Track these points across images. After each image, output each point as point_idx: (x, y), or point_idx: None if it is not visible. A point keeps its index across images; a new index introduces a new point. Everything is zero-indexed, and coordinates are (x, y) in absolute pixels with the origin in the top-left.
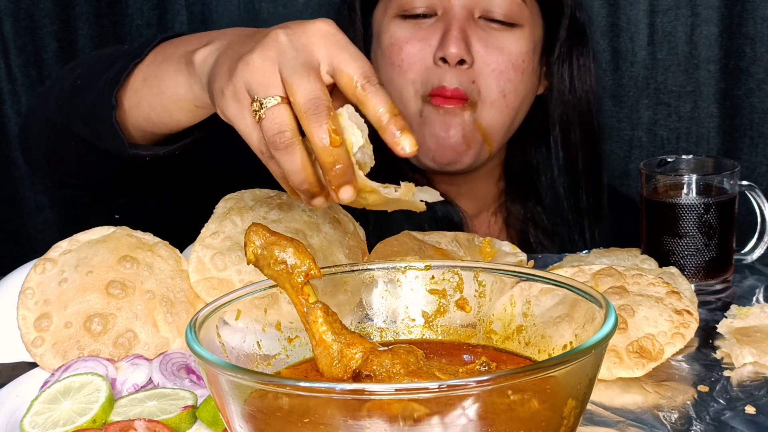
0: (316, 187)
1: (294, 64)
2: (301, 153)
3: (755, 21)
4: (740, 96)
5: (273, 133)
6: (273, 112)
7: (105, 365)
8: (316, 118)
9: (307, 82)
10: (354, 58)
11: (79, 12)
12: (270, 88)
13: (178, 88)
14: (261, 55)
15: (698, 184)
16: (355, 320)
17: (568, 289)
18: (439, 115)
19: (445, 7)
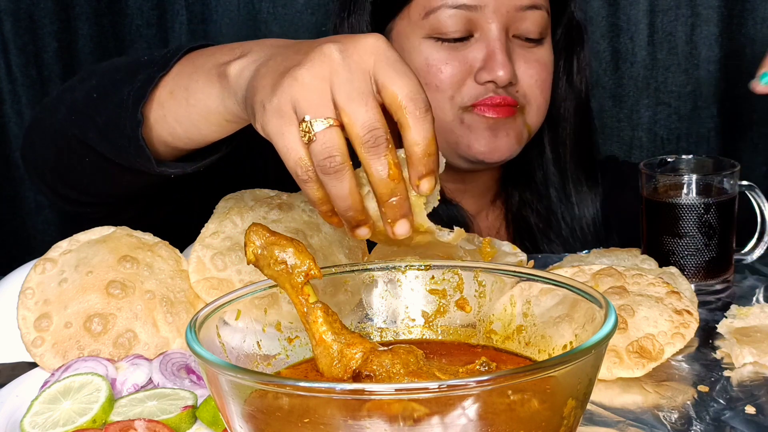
0: (361, 215)
1: (350, 90)
2: (350, 179)
3: (755, 21)
4: (740, 96)
5: (324, 157)
6: (325, 135)
7: (105, 365)
8: (375, 151)
9: (365, 112)
10: (401, 75)
11: (79, 12)
12: (321, 109)
13: (209, 102)
14: (311, 72)
15: (698, 184)
16: (355, 320)
17: (568, 289)
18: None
19: (482, 28)
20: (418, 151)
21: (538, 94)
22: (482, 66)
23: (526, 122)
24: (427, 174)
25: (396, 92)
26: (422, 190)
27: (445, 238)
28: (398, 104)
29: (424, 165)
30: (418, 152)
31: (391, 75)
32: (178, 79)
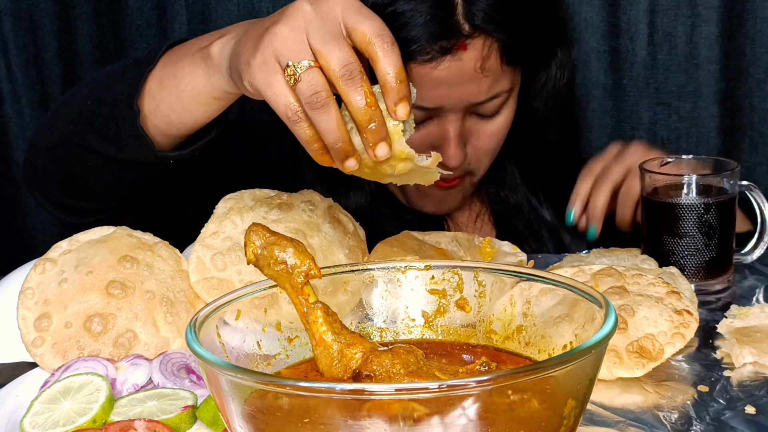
0: (349, 146)
1: (323, 34)
2: (336, 111)
3: (755, 21)
4: (740, 96)
5: (310, 94)
6: (308, 74)
7: (105, 365)
8: (352, 83)
9: (339, 50)
10: (367, 17)
11: (80, 12)
12: (301, 54)
13: (196, 83)
14: (288, 25)
15: (698, 184)
16: (355, 320)
17: (568, 289)
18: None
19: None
20: (390, 79)
21: (486, 160)
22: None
23: (472, 183)
24: (401, 99)
25: (364, 31)
26: (399, 114)
27: (423, 162)
28: (367, 41)
29: (397, 91)
30: (390, 80)
31: (358, 18)
32: (165, 70)
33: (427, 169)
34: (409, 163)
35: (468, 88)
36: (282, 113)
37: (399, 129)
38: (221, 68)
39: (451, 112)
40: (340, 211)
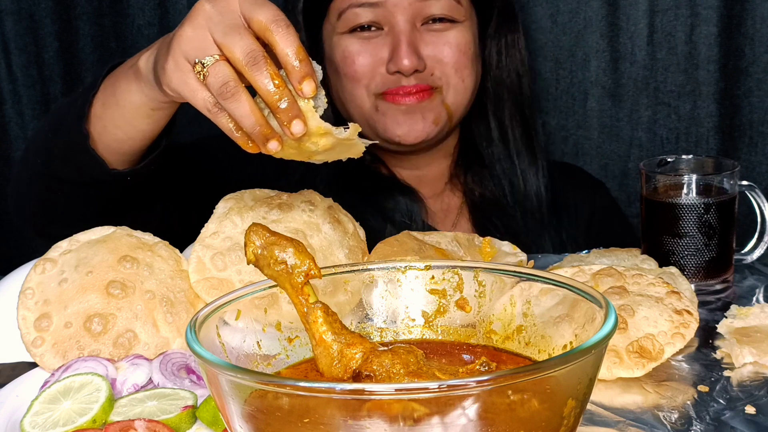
0: (267, 128)
1: (223, 27)
2: (247, 97)
3: (754, 21)
4: (739, 96)
5: (219, 85)
6: (215, 68)
7: (105, 365)
8: (256, 68)
9: (240, 39)
10: (261, 5)
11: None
12: (206, 50)
13: (133, 98)
14: (191, 26)
15: (698, 184)
16: (355, 320)
17: (568, 289)
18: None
19: (390, 22)
20: (290, 60)
21: (452, 74)
22: (389, 57)
23: (444, 102)
24: (304, 76)
25: (260, 19)
26: (305, 91)
27: (342, 135)
28: (264, 27)
29: (299, 70)
30: (291, 60)
31: (254, 8)
32: (107, 91)
33: (350, 141)
34: (330, 138)
35: None
36: (201, 108)
37: (310, 106)
38: (149, 80)
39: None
40: (340, 211)
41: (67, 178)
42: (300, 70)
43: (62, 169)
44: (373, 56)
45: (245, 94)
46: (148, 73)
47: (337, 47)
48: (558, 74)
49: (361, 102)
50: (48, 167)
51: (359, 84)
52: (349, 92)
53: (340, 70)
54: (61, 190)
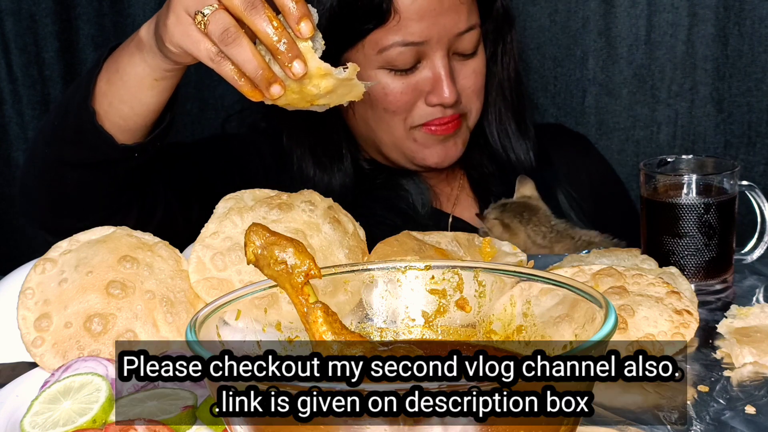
0: (269, 72)
1: None
2: (248, 42)
3: (753, 20)
4: (737, 95)
5: (220, 32)
6: (215, 16)
7: (105, 365)
8: (254, 12)
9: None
10: None
11: (81, 12)
12: (206, 1)
13: (137, 69)
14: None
15: (698, 184)
16: (355, 320)
17: (568, 289)
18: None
19: (428, 57)
20: (286, 2)
21: (475, 99)
22: (430, 90)
23: (468, 126)
24: (301, 17)
25: None
26: (303, 32)
27: (342, 74)
28: None
29: (296, 11)
30: (287, 2)
31: None
32: (110, 68)
33: (350, 82)
34: (330, 79)
35: (449, 17)
36: (204, 59)
37: (309, 47)
38: (152, 47)
39: (436, 51)
40: (340, 211)
41: (77, 161)
42: (297, 11)
43: (71, 153)
44: (414, 91)
45: (246, 38)
46: (150, 40)
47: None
48: (556, 72)
49: (395, 131)
50: (58, 154)
51: (397, 117)
52: (384, 122)
53: (376, 103)
54: (71, 178)
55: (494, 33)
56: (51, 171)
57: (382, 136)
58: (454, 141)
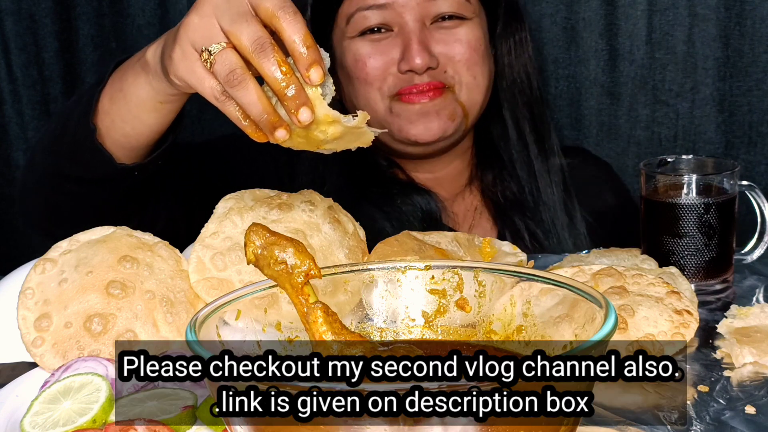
0: (275, 116)
1: (230, 15)
2: (254, 85)
3: (753, 20)
4: (738, 95)
5: (226, 73)
6: (222, 55)
7: (105, 365)
8: (263, 55)
9: (247, 27)
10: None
11: (80, 12)
12: (213, 38)
13: (140, 91)
14: (198, 13)
15: (698, 184)
16: (355, 320)
17: (568, 289)
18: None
19: (399, 23)
20: (297, 47)
21: (464, 71)
22: (401, 57)
23: (458, 100)
24: (312, 63)
25: (267, 6)
26: (313, 79)
27: (350, 123)
28: (271, 14)
29: (306, 57)
30: (298, 47)
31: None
32: (114, 85)
33: (359, 130)
34: (338, 126)
35: None
36: (209, 97)
37: (318, 93)
38: (157, 71)
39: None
40: (340, 211)
41: (75, 176)
42: (308, 57)
43: (70, 167)
44: (385, 57)
45: (252, 81)
46: (156, 65)
47: (348, 51)
48: (557, 73)
49: (375, 105)
50: (56, 166)
51: (372, 87)
52: (362, 96)
53: (352, 74)
54: (69, 190)
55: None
56: (49, 180)
57: None
58: (436, 112)
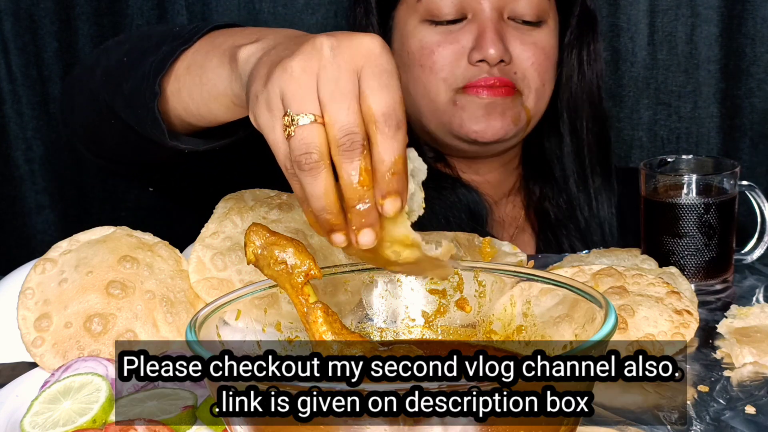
0: (337, 219)
1: (334, 88)
2: (326, 178)
3: (755, 21)
4: (740, 96)
5: (300, 153)
6: (303, 131)
7: (105, 365)
8: (349, 154)
9: (346, 114)
10: (382, 88)
11: (80, 12)
12: (304, 104)
13: (219, 82)
14: (301, 64)
15: (698, 184)
16: (355, 320)
17: (568, 289)
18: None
19: (474, 10)
20: (382, 169)
21: (535, 77)
22: (474, 46)
23: (524, 104)
24: (390, 193)
25: (371, 105)
26: (385, 210)
27: (432, 252)
28: (371, 117)
29: (387, 184)
30: (383, 170)
31: (373, 86)
32: (196, 56)
33: (438, 261)
34: (415, 251)
35: None
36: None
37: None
38: (242, 79)
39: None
40: None
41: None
42: (389, 185)
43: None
44: (455, 46)
45: (324, 174)
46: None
47: (414, 36)
48: None
49: (436, 96)
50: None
51: (437, 76)
52: (422, 84)
53: (414, 60)
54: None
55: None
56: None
57: (421, 102)
58: (501, 111)
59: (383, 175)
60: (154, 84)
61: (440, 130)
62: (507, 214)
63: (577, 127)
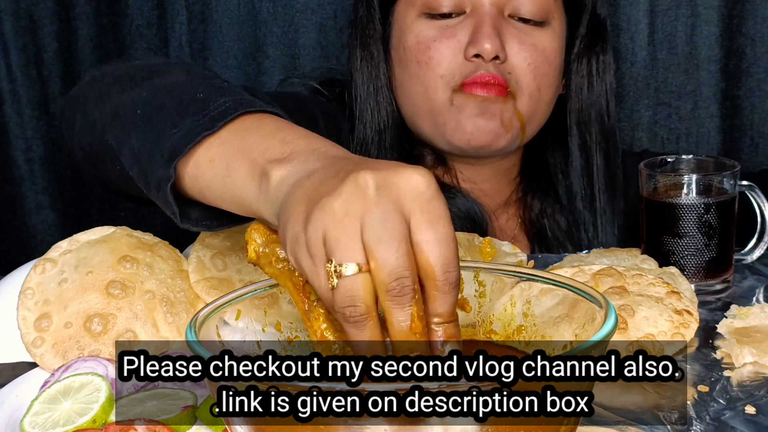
0: None
1: (381, 232)
2: (371, 330)
3: (755, 21)
4: (740, 96)
5: (344, 305)
6: (348, 282)
7: (105, 365)
8: (399, 300)
9: (395, 259)
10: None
11: (80, 12)
12: (348, 252)
13: (245, 195)
14: (344, 206)
15: (698, 184)
16: None
17: (568, 289)
18: (476, 101)
19: (473, 4)
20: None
21: (530, 79)
22: (470, 40)
23: (516, 109)
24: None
25: (429, 259)
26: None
27: None
28: (428, 273)
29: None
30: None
31: (429, 233)
32: (223, 150)
33: None
34: None
35: None
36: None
37: None
38: (273, 204)
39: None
40: None
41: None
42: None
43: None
44: (452, 41)
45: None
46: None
47: (411, 31)
48: None
49: (433, 93)
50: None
51: (434, 72)
52: (419, 82)
53: (410, 56)
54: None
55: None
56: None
57: (417, 100)
58: (492, 114)
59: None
60: (169, 168)
61: (435, 133)
62: (502, 224)
63: (587, 143)
